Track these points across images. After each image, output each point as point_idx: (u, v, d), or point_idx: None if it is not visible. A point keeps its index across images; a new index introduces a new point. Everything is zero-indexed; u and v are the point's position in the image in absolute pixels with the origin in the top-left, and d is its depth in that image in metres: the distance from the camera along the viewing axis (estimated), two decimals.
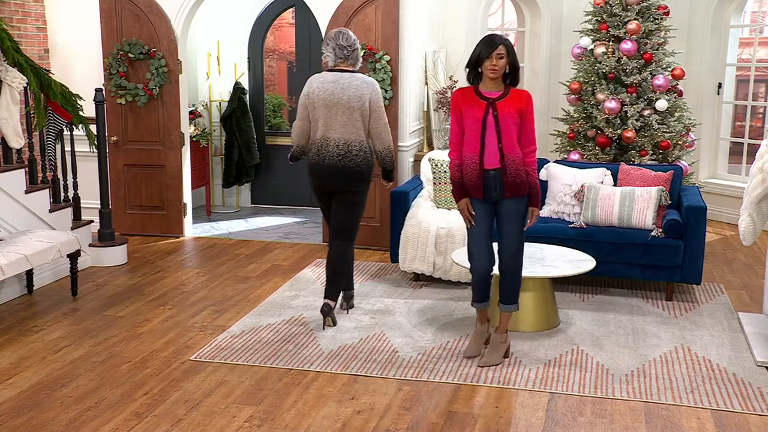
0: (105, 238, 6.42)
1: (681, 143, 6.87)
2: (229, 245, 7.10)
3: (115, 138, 7.15)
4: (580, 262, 5.03)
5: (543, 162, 6.20)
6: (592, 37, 7.06)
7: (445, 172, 6.04)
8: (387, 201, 6.28)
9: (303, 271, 6.17)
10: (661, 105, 6.70)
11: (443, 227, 5.67)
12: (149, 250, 6.87)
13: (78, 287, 5.59)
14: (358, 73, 4.90)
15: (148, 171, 7.21)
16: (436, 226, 5.68)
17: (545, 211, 6.02)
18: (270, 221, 8.21)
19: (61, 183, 6.26)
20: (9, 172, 5.60)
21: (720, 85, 8.19)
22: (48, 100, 5.95)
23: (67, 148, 6.36)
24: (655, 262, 5.43)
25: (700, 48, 8.13)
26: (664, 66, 6.89)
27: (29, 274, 5.57)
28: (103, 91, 6.44)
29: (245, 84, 8.67)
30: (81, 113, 6.18)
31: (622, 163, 6.05)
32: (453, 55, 7.59)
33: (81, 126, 6.21)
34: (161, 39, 6.99)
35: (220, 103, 8.66)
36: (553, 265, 4.92)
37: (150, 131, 7.15)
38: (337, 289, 4.99)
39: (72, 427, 3.61)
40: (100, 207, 6.47)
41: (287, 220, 8.28)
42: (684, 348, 4.62)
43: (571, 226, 5.66)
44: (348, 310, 5.22)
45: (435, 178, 6.13)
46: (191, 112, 8.17)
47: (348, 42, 4.85)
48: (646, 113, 6.76)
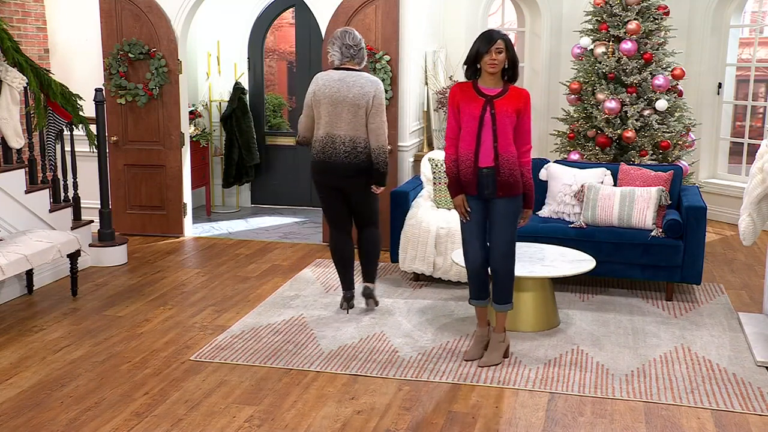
0: (105, 238, 6.42)
1: (681, 143, 6.87)
2: (229, 245, 7.10)
3: (115, 138, 7.15)
4: (580, 262, 5.03)
5: (543, 162, 6.20)
6: (592, 37, 7.06)
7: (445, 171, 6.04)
8: (387, 201, 6.28)
9: (303, 271, 6.17)
10: (661, 105, 6.70)
11: (443, 227, 5.67)
12: (149, 250, 6.87)
13: (78, 287, 5.59)
14: (363, 72, 4.98)
15: (148, 171, 7.21)
16: (436, 226, 5.68)
17: (545, 211, 6.02)
18: (270, 221, 8.21)
19: (61, 183, 6.26)
20: (9, 172, 5.60)
21: (720, 85, 8.19)
22: (48, 100, 5.95)
23: (67, 148, 6.37)
24: (655, 262, 5.43)
25: (700, 48, 8.13)
26: (664, 66, 6.89)
27: (29, 274, 5.57)
28: (103, 91, 6.44)
29: (245, 84, 8.67)
30: (81, 113, 6.18)
31: (622, 163, 6.05)
32: (453, 55, 7.59)
33: (81, 126, 6.21)
34: (161, 39, 6.99)
35: (220, 103, 8.66)
36: (553, 265, 4.91)
37: (150, 131, 7.15)
38: (374, 271, 5.26)
39: (72, 427, 3.61)
40: (100, 207, 6.47)
41: (287, 220, 8.28)
42: (684, 348, 4.62)
43: (571, 226, 5.66)
44: (369, 301, 5.31)
45: (435, 178, 6.13)
46: (191, 112, 8.18)
47: (354, 41, 4.93)
48: (646, 113, 6.76)
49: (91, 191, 6.93)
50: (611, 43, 6.89)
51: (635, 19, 6.79)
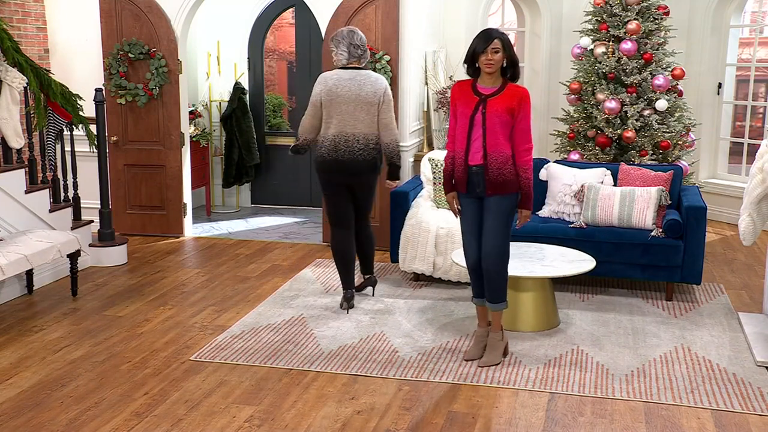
0: (105, 238, 6.42)
1: (681, 143, 6.87)
2: (229, 245, 7.10)
3: (115, 138, 7.15)
4: (580, 262, 5.03)
5: (543, 162, 6.20)
6: (592, 37, 7.05)
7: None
8: (387, 201, 6.28)
9: (303, 271, 6.17)
10: (661, 105, 6.69)
11: (443, 227, 5.67)
12: (149, 250, 6.87)
13: (78, 287, 5.59)
14: (369, 71, 5.14)
15: (148, 171, 7.21)
16: (436, 226, 5.68)
17: (545, 211, 6.02)
18: (270, 221, 8.21)
19: (61, 183, 6.26)
20: (9, 172, 5.60)
21: (720, 85, 8.19)
22: (48, 100, 5.95)
23: (67, 148, 6.37)
24: (655, 262, 5.43)
25: (700, 48, 8.13)
26: (664, 66, 6.89)
27: (29, 274, 5.57)
28: (103, 91, 6.44)
29: (245, 84, 8.67)
30: (81, 113, 6.18)
31: (622, 163, 6.05)
32: (453, 55, 7.59)
33: (81, 126, 6.21)
34: (161, 39, 6.99)
35: (220, 103, 8.66)
36: (553, 265, 4.91)
37: (150, 131, 7.15)
38: (372, 263, 5.50)
39: (72, 427, 3.61)
40: (100, 207, 6.47)
41: (287, 220, 8.28)
42: (684, 348, 4.62)
43: (571, 226, 5.66)
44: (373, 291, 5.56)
45: (435, 178, 6.13)
46: (191, 112, 8.17)
47: (361, 42, 5.07)
48: (646, 113, 6.76)
49: (91, 191, 6.93)
50: (611, 43, 6.89)
51: (635, 19, 6.79)
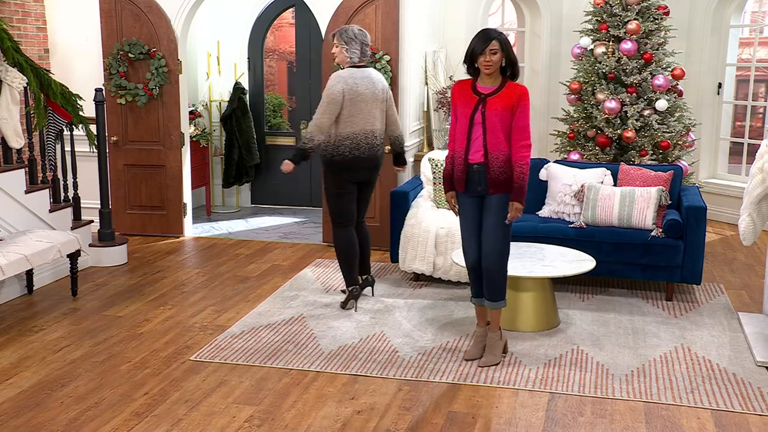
0: (105, 238, 6.42)
1: (681, 143, 6.87)
2: (229, 245, 7.10)
3: (115, 138, 7.15)
4: (580, 262, 5.03)
5: (543, 162, 6.20)
6: (592, 37, 7.06)
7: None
8: (387, 201, 6.28)
9: (303, 271, 6.17)
10: (661, 105, 6.70)
11: (443, 227, 5.67)
12: (149, 250, 6.87)
13: (78, 287, 5.59)
14: (371, 69, 5.28)
15: (148, 171, 7.21)
16: (436, 226, 5.68)
17: (545, 211, 6.02)
18: (270, 221, 8.21)
19: (61, 183, 6.26)
20: (9, 172, 5.60)
21: (720, 85, 8.19)
22: (48, 100, 5.95)
23: (67, 148, 6.36)
24: (655, 262, 5.43)
25: (700, 48, 8.13)
26: (664, 66, 6.89)
27: (29, 274, 5.57)
28: (103, 91, 6.44)
29: (245, 84, 8.67)
30: (81, 113, 6.18)
31: (622, 163, 6.05)
32: (453, 55, 7.59)
33: (81, 126, 6.21)
34: (161, 39, 6.99)
35: (220, 103, 8.66)
36: (553, 265, 4.91)
37: (150, 131, 7.15)
38: (369, 263, 5.52)
39: (72, 427, 3.61)
40: (100, 207, 6.47)
41: (287, 220, 8.28)
42: (684, 348, 4.62)
43: (571, 226, 5.66)
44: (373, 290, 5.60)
45: (435, 178, 6.13)
46: (191, 112, 8.17)
47: (369, 41, 5.22)
48: (646, 113, 6.76)
49: (91, 191, 6.93)
50: (611, 43, 6.89)
51: (635, 19, 6.79)
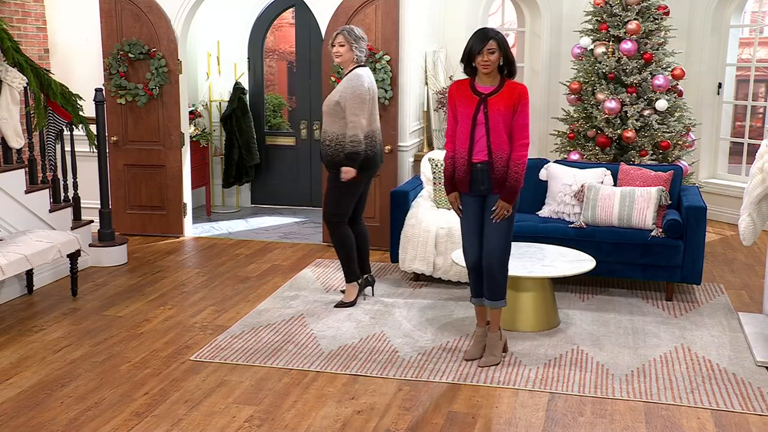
0: (105, 238, 6.42)
1: (681, 143, 6.87)
2: (229, 245, 7.10)
3: (115, 138, 7.15)
4: (580, 262, 5.03)
5: (543, 162, 6.20)
6: (592, 37, 7.06)
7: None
8: (387, 201, 6.28)
9: (303, 271, 6.17)
10: (661, 105, 6.70)
11: (443, 227, 5.67)
12: (149, 250, 6.87)
13: (78, 287, 5.59)
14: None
15: (148, 171, 7.21)
16: (436, 226, 5.68)
17: (545, 211, 6.02)
18: (270, 221, 8.21)
19: (61, 183, 6.26)
20: (9, 172, 5.60)
21: (720, 85, 8.19)
22: (48, 100, 5.95)
23: (67, 148, 6.36)
24: (655, 262, 5.43)
25: (700, 48, 8.13)
26: (664, 66, 6.89)
27: (29, 274, 5.57)
28: (103, 91, 6.44)
29: (245, 84, 8.67)
30: (81, 113, 6.18)
31: (622, 163, 6.05)
32: (453, 55, 7.57)
33: (81, 126, 6.21)
34: (161, 39, 6.98)
35: (220, 103, 8.66)
36: (553, 265, 4.92)
37: (150, 131, 7.15)
38: (368, 261, 5.51)
39: (72, 427, 3.61)
40: (100, 207, 6.47)
41: (287, 220, 8.28)
42: (684, 348, 4.62)
43: (571, 226, 5.66)
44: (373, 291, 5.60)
45: (435, 178, 6.13)
46: (191, 112, 8.17)
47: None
48: (646, 113, 6.76)
49: (91, 191, 6.92)
50: (611, 43, 6.89)
51: (635, 19, 6.79)
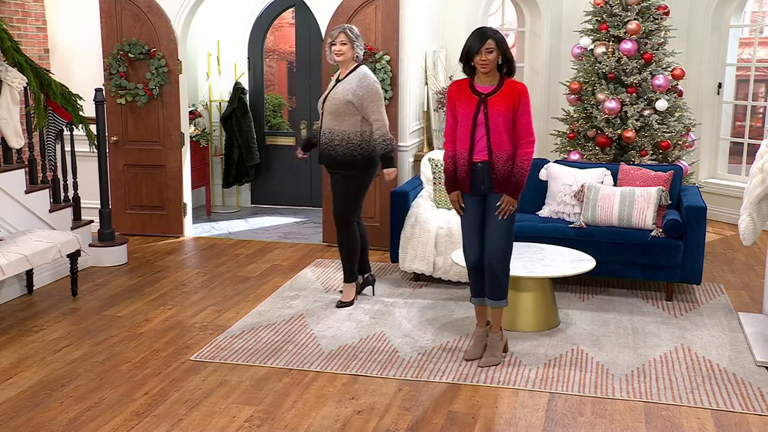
0: (105, 238, 6.42)
1: (681, 143, 6.87)
2: (229, 245, 7.10)
3: (115, 138, 7.15)
4: (580, 262, 5.03)
5: (543, 162, 6.20)
6: (592, 37, 7.06)
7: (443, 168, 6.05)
8: (387, 201, 6.28)
9: (303, 271, 6.17)
10: (661, 105, 6.70)
11: (443, 227, 5.67)
12: (149, 250, 6.87)
13: (78, 287, 5.59)
14: None
15: (148, 171, 7.21)
16: (436, 226, 5.68)
17: (545, 211, 6.02)
18: (270, 221, 8.21)
19: (61, 183, 6.26)
20: (9, 172, 5.60)
21: (720, 85, 8.19)
22: (48, 100, 5.95)
23: (67, 148, 6.36)
24: (655, 262, 5.43)
25: (700, 48, 8.13)
26: (664, 66, 6.89)
27: (29, 274, 5.57)
28: (103, 91, 6.44)
29: (245, 84, 8.67)
30: (81, 113, 6.18)
31: (622, 163, 6.05)
32: (453, 55, 7.56)
33: (81, 126, 6.21)
34: (161, 39, 6.98)
35: (220, 103, 8.66)
36: (553, 265, 4.92)
37: (150, 131, 7.15)
38: (368, 260, 5.54)
39: (72, 427, 3.61)
40: (100, 207, 6.47)
41: (287, 220, 8.28)
42: (684, 348, 4.62)
43: (571, 226, 5.66)
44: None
45: (435, 178, 6.13)
46: (191, 112, 8.17)
47: None
48: (646, 113, 6.76)
49: (91, 191, 6.92)
50: (611, 43, 6.89)
51: (635, 19, 6.79)
